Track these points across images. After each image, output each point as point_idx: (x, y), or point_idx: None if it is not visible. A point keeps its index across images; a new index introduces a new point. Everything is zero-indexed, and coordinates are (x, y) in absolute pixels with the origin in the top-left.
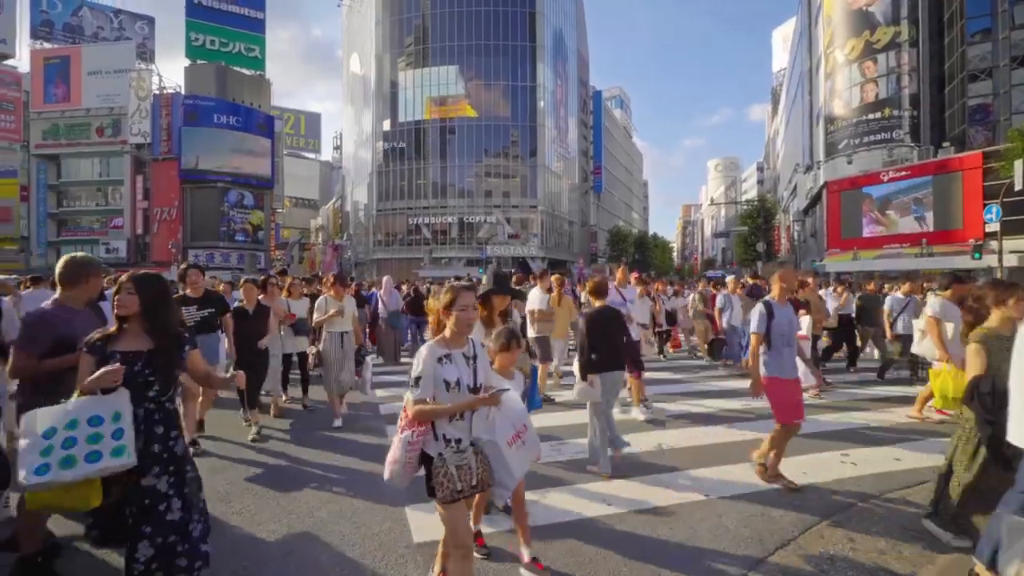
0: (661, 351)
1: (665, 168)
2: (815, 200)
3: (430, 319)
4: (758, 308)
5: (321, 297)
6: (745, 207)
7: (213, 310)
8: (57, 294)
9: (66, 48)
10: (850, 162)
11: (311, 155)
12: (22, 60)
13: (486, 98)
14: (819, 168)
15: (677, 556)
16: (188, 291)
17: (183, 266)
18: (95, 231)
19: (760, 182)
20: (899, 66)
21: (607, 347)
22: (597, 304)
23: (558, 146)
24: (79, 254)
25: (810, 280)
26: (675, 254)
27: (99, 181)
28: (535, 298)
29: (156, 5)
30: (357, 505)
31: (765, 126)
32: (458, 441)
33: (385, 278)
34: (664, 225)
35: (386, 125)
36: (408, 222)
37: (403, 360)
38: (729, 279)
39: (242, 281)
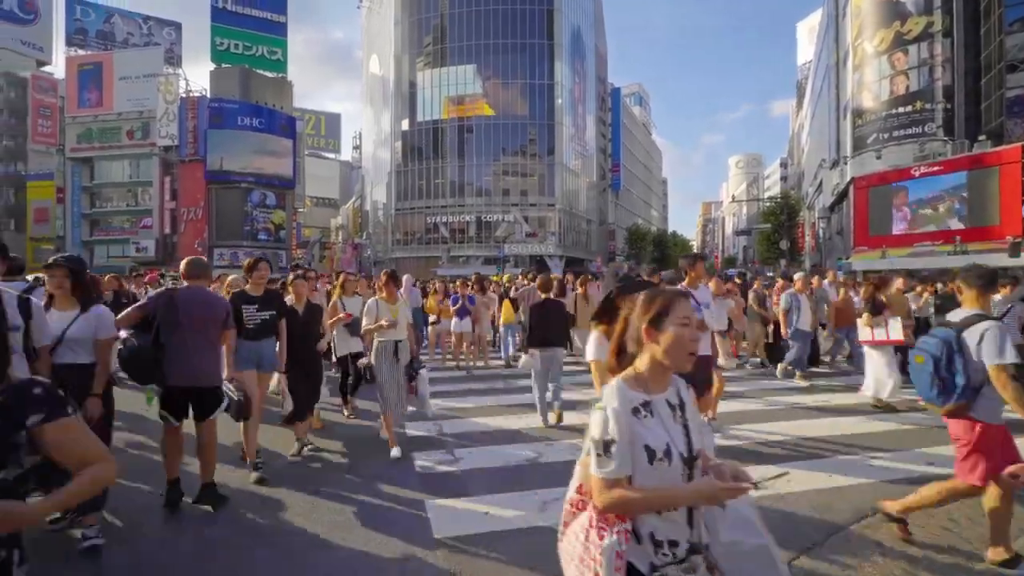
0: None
1: (685, 165)
2: (841, 196)
3: (594, 334)
4: (997, 329)
5: (371, 299)
6: (768, 204)
7: (274, 312)
8: (185, 284)
9: (99, 55)
10: (879, 157)
11: (331, 155)
12: (58, 67)
13: (504, 97)
14: (846, 163)
15: None
16: (249, 288)
17: (251, 259)
18: (126, 231)
19: (783, 178)
20: (932, 57)
21: (545, 330)
22: (543, 296)
23: (576, 144)
24: (195, 257)
25: (899, 280)
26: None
27: (129, 183)
28: None
29: (183, 11)
30: (377, 500)
31: (789, 121)
32: (673, 544)
33: (405, 277)
34: (684, 223)
35: (404, 125)
36: (426, 221)
37: (422, 358)
38: (798, 276)
39: (291, 278)
